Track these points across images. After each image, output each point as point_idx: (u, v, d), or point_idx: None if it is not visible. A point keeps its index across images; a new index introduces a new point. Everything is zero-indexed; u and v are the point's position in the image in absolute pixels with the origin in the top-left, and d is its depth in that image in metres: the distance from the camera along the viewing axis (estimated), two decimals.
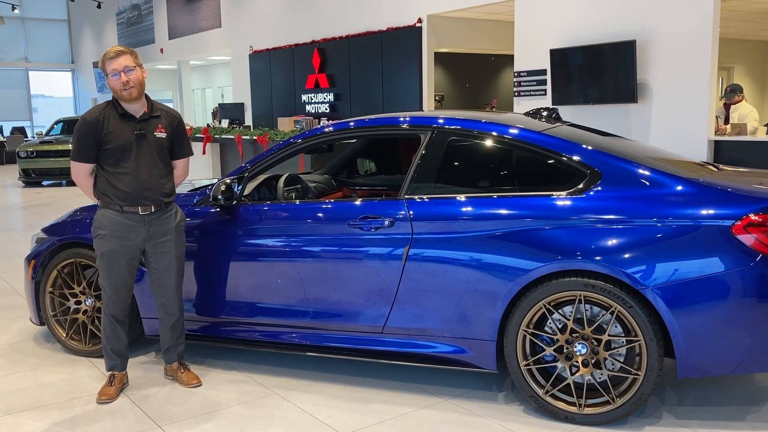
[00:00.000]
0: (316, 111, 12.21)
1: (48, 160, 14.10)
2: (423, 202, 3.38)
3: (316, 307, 3.60)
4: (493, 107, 11.64)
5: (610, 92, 7.48)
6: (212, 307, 3.86)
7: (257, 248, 3.70)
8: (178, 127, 3.63)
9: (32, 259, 4.21)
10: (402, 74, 10.31)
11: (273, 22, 13.42)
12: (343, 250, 3.49)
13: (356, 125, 3.83)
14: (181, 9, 17.00)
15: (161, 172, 3.51)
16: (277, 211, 3.76)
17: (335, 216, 3.56)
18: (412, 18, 10.00)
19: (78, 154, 3.47)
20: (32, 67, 25.00)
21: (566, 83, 7.90)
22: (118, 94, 3.42)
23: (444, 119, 3.57)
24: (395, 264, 3.37)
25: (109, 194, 3.45)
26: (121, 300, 3.54)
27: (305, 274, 3.59)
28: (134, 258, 3.52)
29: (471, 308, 3.24)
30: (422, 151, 3.50)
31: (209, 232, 3.82)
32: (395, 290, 3.39)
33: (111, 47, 3.47)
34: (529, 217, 3.14)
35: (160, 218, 3.52)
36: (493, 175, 3.52)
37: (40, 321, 4.25)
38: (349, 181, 5.21)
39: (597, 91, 7.60)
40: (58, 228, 4.22)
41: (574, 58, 7.74)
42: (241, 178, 3.79)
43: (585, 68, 7.66)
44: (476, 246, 3.21)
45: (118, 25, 20.69)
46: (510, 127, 3.43)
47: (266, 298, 3.72)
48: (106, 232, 3.46)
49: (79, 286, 4.12)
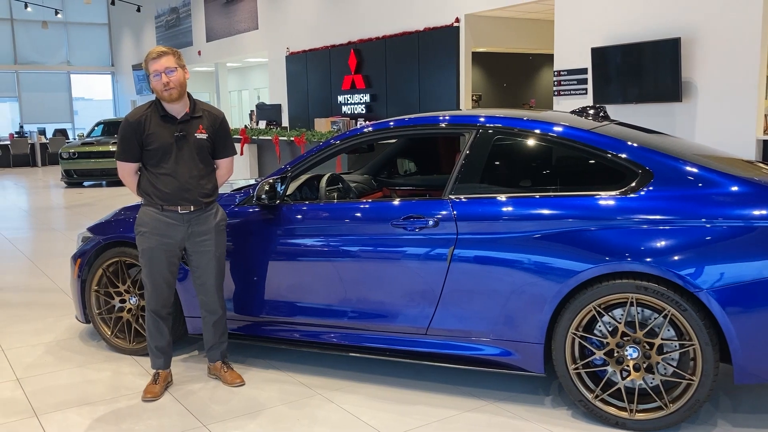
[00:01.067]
0: (352, 112, 12.22)
1: (89, 161, 14.36)
2: (468, 201, 3.33)
3: (358, 307, 3.57)
4: (531, 107, 11.51)
5: (654, 91, 7.32)
6: (253, 307, 3.86)
7: (300, 248, 3.70)
8: (220, 127, 3.64)
9: (78, 258, 4.27)
10: (439, 74, 10.25)
11: (309, 23, 13.48)
12: (386, 250, 3.46)
13: (397, 125, 3.80)
14: (218, 11, 17.19)
15: (201, 172, 3.53)
16: (320, 210, 3.75)
17: (379, 216, 3.53)
18: (449, 18, 9.94)
19: (122, 154, 3.51)
20: (74, 71, 25.54)
21: (608, 82, 7.76)
22: (159, 95, 3.45)
23: (489, 117, 3.52)
24: (440, 265, 3.32)
25: (151, 193, 3.48)
26: (162, 296, 3.56)
27: (348, 273, 3.57)
28: (174, 255, 3.54)
29: (518, 310, 3.18)
30: (467, 151, 3.45)
31: (252, 231, 3.83)
32: (440, 291, 3.34)
33: (154, 48, 3.49)
34: (579, 217, 3.07)
35: (200, 217, 3.53)
36: (541, 175, 3.45)
37: (86, 319, 4.30)
38: (389, 181, 5.18)
39: (639, 89, 7.45)
40: (103, 227, 4.27)
41: (617, 57, 7.60)
42: (284, 177, 3.79)
43: (627, 67, 7.51)
44: (523, 247, 3.15)
45: (157, 28, 21.02)
46: (558, 126, 3.36)
47: (308, 297, 3.70)
48: (147, 230, 3.49)
49: (123, 285, 4.16)
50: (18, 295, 5.65)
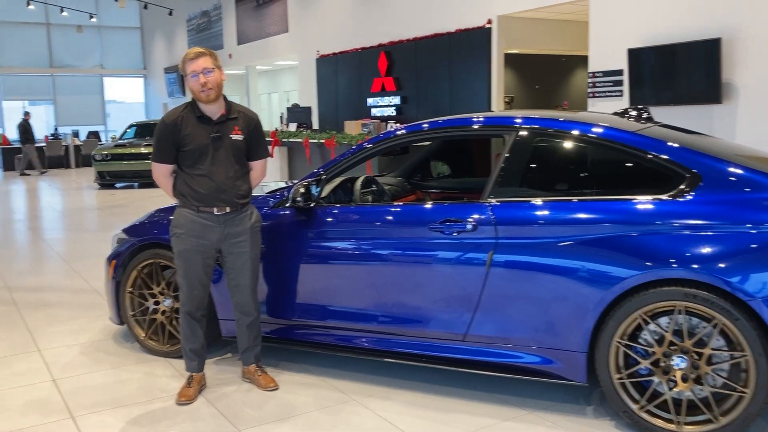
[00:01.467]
0: (382, 114, 12.18)
1: (122, 163, 14.53)
2: (508, 205, 3.25)
3: (394, 312, 3.51)
4: (564, 109, 11.35)
5: (692, 92, 7.15)
6: (287, 310, 3.83)
7: (334, 250, 3.65)
8: (254, 129, 3.61)
9: (113, 260, 4.28)
10: (470, 76, 10.16)
11: (340, 26, 13.48)
12: (423, 254, 3.39)
13: (431, 127, 3.73)
14: (249, 14, 17.29)
15: (237, 174, 3.50)
16: (356, 213, 3.70)
17: (415, 219, 3.47)
18: (481, 19, 9.85)
19: (158, 155, 3.50)
20: (107, 74, 25.93)
21: (644, 84, 7.60)
22: (196, 95, 3.43)
23: (529, 119, 3.44)
24: (478, 270, 3.25)
25: (186, 195, 3.46)
26: (196, 298, 3.54)
27: (383, 277, 3.51)
28: (209, 257, 3.52)
29: (560, 317, 3.09)
30: (506, 153, 3.37)
31: (286, 233, 3.79)
32: (478, 297, 3.27)
33: (191, 48, 3.48)
34: (624, 221, 2.97)
35: (235, 219, 3.51)
36: (584, 178, 3.35)
37: (120, 320, 4.31)
38: (423, 183, 5.12)
39: (677, 91, 7.27)
40: (138, 229, 4.27)
41: (654, 58, 7.44)
42: (319, 180, 3.74)
43: (665, 68, 7.35)
44: (566, 252, 3.06)
45: (189, 32, 21.23)
46: (601, 127, 3.26)
47: (342, 301, 3.66)
48: (183, 231, 3.47)
49: (158, 287, 4.16)
50: (54, 296, 5.70)
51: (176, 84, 22.19)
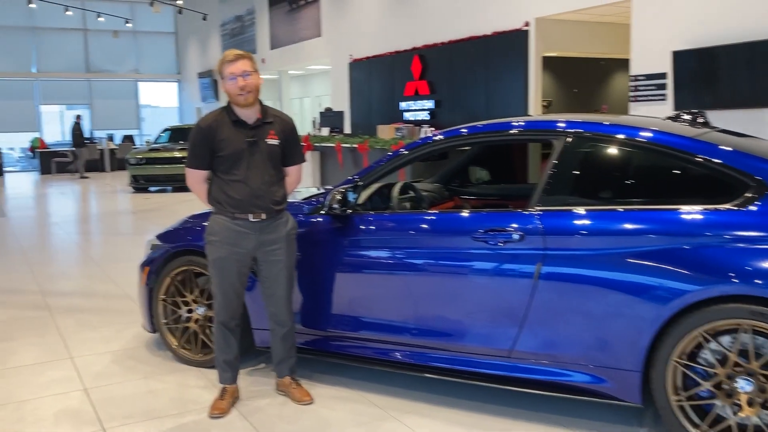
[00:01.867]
0: (415, 118, 12.04)
1: (156, 167, 14.62)
2: (557, 214, 3.08)
3: (434, 325, 3.36)
4: (604, 113, 11.08)
5: (741, 96, 6.87)
6: (321, 320, 3.70)
7: (372, 259, 3.51)
8: (290, 134, 3.50)
9: (146, 266, 4.20)
10: (507, 80, 9.97)
11: (373, 30, 13.38)
12: (465, 264, 3.24)
13: (471, 132, 3.59)
14: (282, 19, 17.31)
15: (272, 179, 3.39)
16: (394, 221, 3.56)
17: (458, 228, 3.31)
18: (518, 21, 9.65)
19: (192, 161, 3.40)
20: (142, 78, 26.23)
21: (689, 87, 7.34)
22: (233, 99, 3.33)
23: (580, 123, 3.26)
24: (525, 282, 3.08)
25: (221, 201, 3.36)
26: (231, 307, 3.43)
27: (423, 288, 3.36)
28: (244, 265, 3.41)
29: (613, 334, 2.91)
30: (555, 159, 3.20)
31: (322, 241, 3.67)
32: (524, 311, 3.10)
33: (229, 50, 3.39)
34: (684, 233, 2.78)
35: (271, 226, 3.39)
36: (639, 186, 3.15)
37: (153, 328, 4.22)
38: (461, 189, 4.96)
39: (725, 94, 7.00)
40: (172, 235, 4.19)
41: (700, 61, 7.17)
42: (356, 186, 3.61)
43: (711, 71, 7.08)
44: (620, 265, 2.87)
45: (222, 37, 21.35)
46: (658, 133, 3.07)
47: (380, 312, 3.52)
48: (218, 239, 3.36)
49: (191, 294, 4.07)
50: (86, 301, 5.66)
51: (210, 89, 22.33)
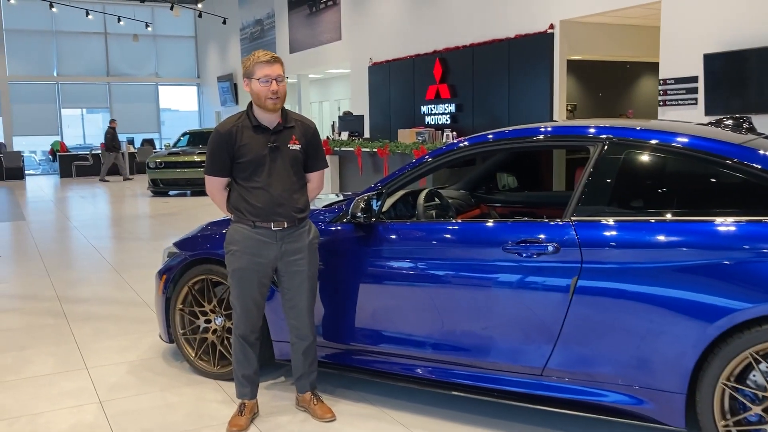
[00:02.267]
0: (436, 122, 11.88)
1: (175, 171, 14.59)
2: (594, 224, 2.91)
3: (462, 340, 3.20)
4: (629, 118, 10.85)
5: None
6: (344, 333, 3.56)
7: (397, 270, 3.37)
8: (312, 138, 3.37)
9: (164, 274, 4.09)
10: (530, 84, 9.78)
11: (393, 33, 13.25)
12: (496, 277, 3.08)
13: (497, 137, 3.43)
14: (302, 23, 17.24)
15: (295, 186, 3.26)
16: (421, 230, 3.41)
17: (488, 238, 3.15)
18: (543, 24, 9.47)
19: (211, 168, 3.27)
20: (161, 82, 26.32)
21: (722, 91, 7.11)
22: (261, 102, 3.19)
23: (618, 129, 3.09)
24: (560, 297, 2.91)
25: (242, 209, 3.23)
26: (251, 320, 3.30)
27: (451, 302, 3.21)
28: (266, 276, 3.28)
29: (654, 353, 2.74)
30: (591, 167, 3.03)
31: (344, 251, 3.53)
32: (559, 327, 2.93)
33: (263, 51, 3.26)
34: (733, 247, 2.60)
35: (293, 234, 3.26)
36: (683, 197, 2.96)
37: (170, 338, 4.11)
38: (487, 197, 4.80)
39: (760, 98, 6.77)
40: (190, 243, 4.07)
41: (733, 64, 6.95)
42: (380, 194, 3.47)
43: (746, 74, 6.85)
44: (663, 279, 2.70)
45: (242, 41, 21.34)
46: (703, 140, 2.90)
47: (405, 326, 3.37)
48: (238, 248, 3.23)
49: (209, 304, 3.94)
50: (103, 308, 5.56)
51: (229, 92, 22.33)
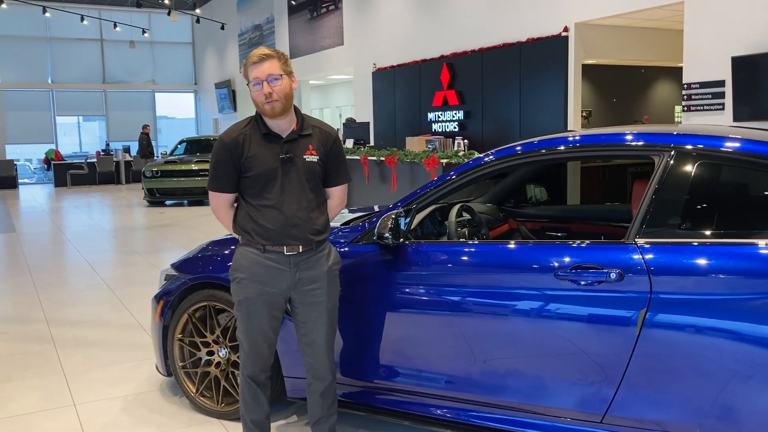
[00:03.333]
0: (443, 130, 11.48)
1: (171, 180, 14.16)
2: (665, 248, 2.49)
3: (507, 381, 2.78)
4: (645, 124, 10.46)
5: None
6: (367, 369, 3.13)
7: (429, 299, 2.93)
8: (333, 148, 2.93)
9: (160, 300, 3.66)
10: (543, 89, 9.38)
11: (398, 38, 12.86)
12: (547, 309, 2.65)
13: (527, 149, 3.00)
14: (302, 28, 16.85)
15: (312, 204, 2.82)
16: (456, 253, 2.98)
17: (537, 263, 2.72)
18: (557, 27, 9.08)
19: (215, 183, 2.83)
20: (158, 89, 25.89)
21: (753, 95, 6.71)
22: (260, 108, 2.75)
23: (686, 136, 2.68)
24: (626, 332, 2.49)
25: (250, 230, 2.79)
26: (261, 358, 2.86)
27: (493, 336, 2.78)
28: (277, 308, 2.84)
29: (741, 399, 2.32)
30: (656, 182, 2.61)
31: (368, 276, 3.10)
32: (624, 367, 2.51)
33: (256, 50, 2.81)
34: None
35: (310, 260, 2.82)
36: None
37: (167, 371, 3.68)
38: (516, 210, 4.38)
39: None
40: (190, 264, 3.64)
41: (766, 66, 6.55)
42: (409, 210, 3.04)
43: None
44: (754, 313, 2.28)
45: (240, 46, 20.95)
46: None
47: (438, 363, 2.93)
48: (245, 276, 2.80)
49: (212, 334, 3.51)
50: (95, 332, 5.12)
51: (227, 99, 21.92)
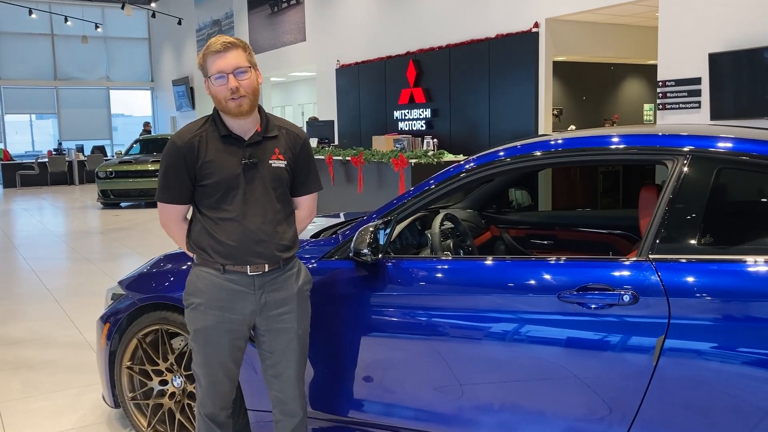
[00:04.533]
0: (410, 128, 11.16)
1: (127, 181, 13.56)
2: (685, 266, 2.19)
3: (504, 417, 2.45)
4: (614, 123, 10.30)
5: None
6: (341, 402, 2.77)
7: (413, 322, 2.58)
8: (302, 151, 2.54)
9: (107, 322, 3.25)
10: (513, 87, 9.13)
11: (362, 34, 12.50)
12: (551, 337, 2.33)
13: (511, 154, 2.68)
14: (263, 23, 16.35)
15: (278, 216, 2.45)
16: (444, 271, 2.64)
17: (537, 283, 2.40)
18: (527, 23, 8.83)
19: (165, 193, 2.43)
20: (113, 86, 25.04)
21: (730, 93, 6.55)
22: (222, 106, 2.37)
23: (704, 138, 2.39)
24: (640, 362, 2.19)
25: (207, 248, 2.40)
26: (220, 396, 2.49)
27: (488, 366, 2.45)
28: (240, 338, 2.47)
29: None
30: (673, 189, 2.31)
31: (341, 296, 2.74)
32: (639, 401, 2.21)
33: (217, 37, 2.42)
34: None
35: (277, 280, 2.45)
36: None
37: (115, 403, 3.27)
38: (499, 216, 4.07)
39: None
40: (140, 282, 3.24)
41: (743, 64, 6.39)
42: (388, 222, 2.69)
43: (758, 75, 6.29)
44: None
45: (198, 42, 20.33)
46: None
47: (423, 395, 2.59)
48: (202, 301, 2.41)
49: (165, 362, 3.12)
50: (38, 353, 4.65)
51: (185, 97, 21.27)
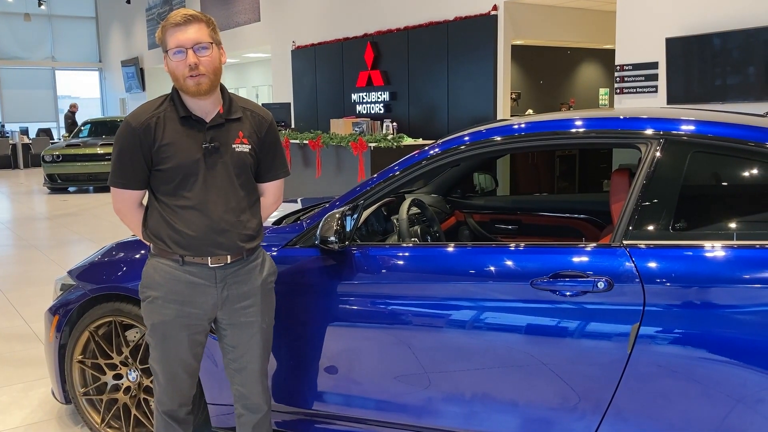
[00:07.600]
0: (368, 111, 11.03)
1: (75, 165, 13.12)
2: (660, 252, 2.15)
3: (476, 408, 2.39)
4: (571, 107, 10.37)
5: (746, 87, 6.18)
6: (305, 395, 2.68)
7: (381, 312, 2.50)
8: (267, 135, 2.41)
9: (55, 314, 3.08)
10: (471, 70, 9.08)
11: (319, 14, 12.27)
12: (524, 325, 2.28)
13: (473, 139, 2.61)
14: (215, 3, 15.94)
15: (242, 203, 2.32)
16: (413, 258, 2.55)
17: (509, 270, 2.34)
18: (485, 5, 8.77)
19: (119, 177, 2.27)
20: (59, 67, 24.15)
21: (686, 77, 6.62)
22: (180, 83, 2.22)
23: (677, 121, 2.35)
24: (615, 350, 2.15)
25: (164, 238, 2.26)
26: (179, 392, 2.37)
27: (459, 356, 2.39)
28: (200, 332, 2.34)
29: (749, 428, 2.02)
30: (646, 173, 2.27)
31: (306, 286, 2.64)
32: (612, 391, 2.17)
33: (177, 10, 2.27)
34: None
35: (240, 272, 2.33)
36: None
37: (66, 398, 3.11)
38: (463, 201, 4.01)
39: (729, 86, 6.31)
40: (91, 272, 3.07)
41: (699, 48, 6.46)
42: (355, 208, 2.59)
43: (713, 60, 6.37)
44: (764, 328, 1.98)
45: (148, 22, 19.73)
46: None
47: (392, 387, 2.52)
48: (160, 294, 2.28)
49: (119, 355, 2.97)
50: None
51: (135, 78, 20.66)
